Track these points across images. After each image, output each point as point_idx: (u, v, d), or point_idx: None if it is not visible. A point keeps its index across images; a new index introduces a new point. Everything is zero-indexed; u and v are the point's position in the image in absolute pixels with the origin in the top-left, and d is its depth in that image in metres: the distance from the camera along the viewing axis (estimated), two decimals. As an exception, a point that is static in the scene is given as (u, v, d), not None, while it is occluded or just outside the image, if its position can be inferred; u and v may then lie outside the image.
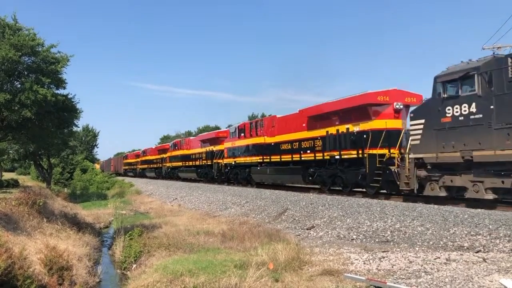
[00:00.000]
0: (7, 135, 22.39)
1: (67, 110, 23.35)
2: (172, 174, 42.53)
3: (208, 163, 32.05)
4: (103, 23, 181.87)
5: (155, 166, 47.65)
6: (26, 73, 20.00)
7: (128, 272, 11.25)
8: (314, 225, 12.94)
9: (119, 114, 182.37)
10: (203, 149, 33.50)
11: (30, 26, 20.21)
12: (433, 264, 7.75)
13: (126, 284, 9.65)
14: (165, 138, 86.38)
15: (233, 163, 26.83)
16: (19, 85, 19.67)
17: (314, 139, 18.51)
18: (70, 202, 27.92)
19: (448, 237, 9.30)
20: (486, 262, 7.58)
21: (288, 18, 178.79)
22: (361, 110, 15.76)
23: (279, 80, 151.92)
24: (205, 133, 37.80)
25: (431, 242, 9.34)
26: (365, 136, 15.43)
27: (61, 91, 22.52)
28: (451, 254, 8.32)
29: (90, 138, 79.12)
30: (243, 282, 7.59)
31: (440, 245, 9.08)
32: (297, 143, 19.72)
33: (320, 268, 8.16)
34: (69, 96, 23.66)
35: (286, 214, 15.10)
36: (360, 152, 15.67)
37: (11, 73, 19.38)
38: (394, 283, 6.80)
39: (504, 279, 6.33)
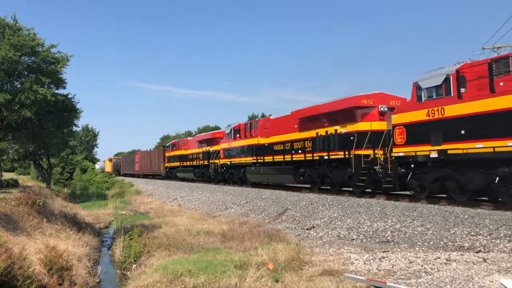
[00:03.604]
0: (7, 135, 22.40)
1: (67, 110, 23.39)
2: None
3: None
4: (103, 23, 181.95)
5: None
6: (26, 73, 20.02)
7: (128, 272, 11.24)
8: (314, 225, 12.93)
9: (119, 114, 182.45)
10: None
11: (30, 26, 20.27)
12: (434, 264, 7.75)
13: (126, 284, 9.65)
14: (165, 138, 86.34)
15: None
16: (19, 85, 19.68)
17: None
18: (70, 202, 27.91)
19: (449, 237, 9.29)
20: (486, 262, 7.58)
21: (288, 18, 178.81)
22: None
23: (278, 80, 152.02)
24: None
25: (431, 242, 9.33)
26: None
27: (61, 91, 22.61)
28: (452, 254, 8.31)
29: (90, 138, 79.04)
30: (243, 282, 7.58)
31: (440, 245, 9.07)
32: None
33: (320, 268, 8.14)
34: (69, 96, 23.72)
35: (286, 214, 15.09)
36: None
37: (11, 73, 19.40)
38: (394, 283, 6.79)
39: (505, 279, 6.32)
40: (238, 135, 26.10)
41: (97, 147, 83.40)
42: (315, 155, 18.31)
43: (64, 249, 10.57)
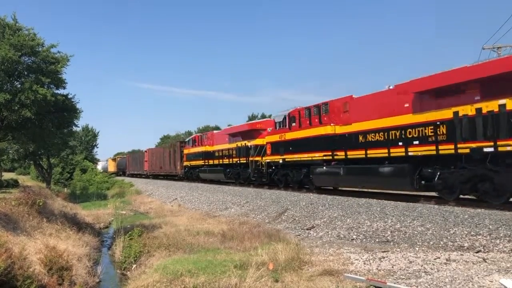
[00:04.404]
0: (7, 135, 22.40)
1: (67, 110, 23.39)
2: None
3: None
4: (103, 23, 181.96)
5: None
6: (26, 73, 20.01)
7: (128, 272, 11.25)
8: (314, 225, 12.93)
9: (119, 114, 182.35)
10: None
11: (30, 26, 20.26)
12: (433, 264, 7.75)
13: (126, 284, 9.65)
14: (165, 138, 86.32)
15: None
16: (19, 85, 19.67)
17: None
18: (70, 202, 27.93)
19: (448, 237, 9.29)
20: (486, 262, 7.58)
21: (288, 18, 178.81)
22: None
23: (278, 80, 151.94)
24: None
25: (431, 242, 9.33)
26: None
27: (61, 91, 22.60)
28: (451, 254, 8.31)
29: (90, 138, 79.10)
30: (243, 282, 7.58)
31: (440, 245, 9.08)
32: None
33: (320, 268, 8.15)
34: (69, 96, 23.71)
35: (286, 214, 15.10)
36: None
37: (11, 73, 19.39)
38: (394, 283, 6.79)
39: (504, 279, 6.32)
40: (294, 124, 19.98)
41: (97, 147, 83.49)
42: (459, 146, 11.85)
43: (64, 249, 10.58)
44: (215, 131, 32.64)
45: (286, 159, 20.50)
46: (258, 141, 23.91)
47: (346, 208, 13.47)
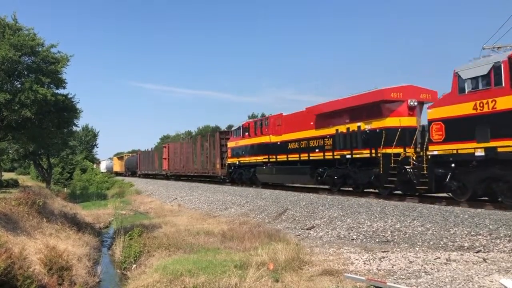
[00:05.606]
0: (7, 135, 22.41)
1: (67, 110, 23.39)
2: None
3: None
4: (103, 23, 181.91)
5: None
6: (26, 73, 20.03)
7: (128, 272, 11.24)
8: (314, 225, 12.93)
9: (119, 114, 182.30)
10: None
11: (30, 26, 20.28)
12: (433, 264, 7.75)
13: (126, 284, 9.65)
14: (164, 138, 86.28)
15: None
16: (19, 85, 19.70)
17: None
18: (70, 202, 27.94)
19: (448, 237, 9.29)
20: (486, 262, 7.58)
21: (288, 18, 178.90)
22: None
23: (278, 80, 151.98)
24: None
25: (431, 242, 9.33)
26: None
27: (61, 91, 22.62)
28: (451, 254, 8.31)
29: (89, 138, 79.17)
30: (243, 282, 7.58)
31: (440, 245, 9.08)
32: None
33: (320, 268, 8.15)
34: (69, 96, 23.72)
35: (286, 214, 15.10)
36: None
37: (11, 73, 19.42)
38: (394, 283, 6.79)
39: (504, 279, 6.33)
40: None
41: (97, 147, 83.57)
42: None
43: (64, 249, 10.58)
44: (285, 113, 22.11)
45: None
46: (388, 122, 15.09)
47: (346, 208, 13.47)
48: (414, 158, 13.90)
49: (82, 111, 25.45)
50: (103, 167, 73.80)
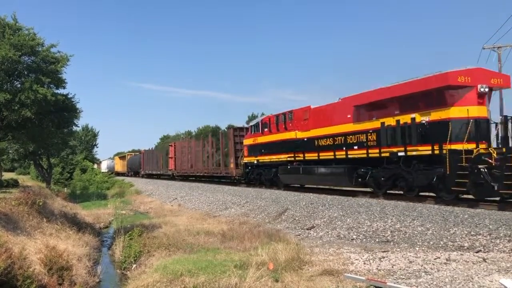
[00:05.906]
0: (7, 135, 22.43)
1: (67, 109, 23.43)
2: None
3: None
4: (103, 23, 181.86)
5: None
6: (26, 72, 20.05)
7: (128, 272, 11.24)
8: (314, 225, 12.94)
9: (119, 114, 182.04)
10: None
11: (30, 26, 20.29)
12: (433, 264, 7.75)
13: (126, 284, 9.64)
14: (164, 138, 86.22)
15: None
16: (19, 85, 19.72)
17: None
18: (70, 202, 27.92)
19: (448, 237, 9.30)
20: (486, 262, 7.59)
21: (288, 18, 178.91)
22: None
23: (278, 80, 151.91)
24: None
25: (431, 242, 9.34)
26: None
27: (61, 91, 22.65)
28: (451, 254, 8.32)
29: (89, 138, 79.12)
30: (243, 282, 7.57)
31: (440, 245, 9.08)
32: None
33: (320, 268, 8.15)
34: (69, 96, 23.74)
35: (286, 214, 15.10)
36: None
37: (11, 73, 19.43)
38: (394, 283, 6.79)
39: (504, 279, 6.33)
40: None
41: (97, 147, 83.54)
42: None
43: (64, 249, 10.57)
44: (313, 106, 19.47)
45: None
46: (454, 112, 12.69)
47: (346, 208, 13.48)
48: (495, 155, 11.45)
49: (82, 111, 25.52)
50: (104, 167, 73.27)
